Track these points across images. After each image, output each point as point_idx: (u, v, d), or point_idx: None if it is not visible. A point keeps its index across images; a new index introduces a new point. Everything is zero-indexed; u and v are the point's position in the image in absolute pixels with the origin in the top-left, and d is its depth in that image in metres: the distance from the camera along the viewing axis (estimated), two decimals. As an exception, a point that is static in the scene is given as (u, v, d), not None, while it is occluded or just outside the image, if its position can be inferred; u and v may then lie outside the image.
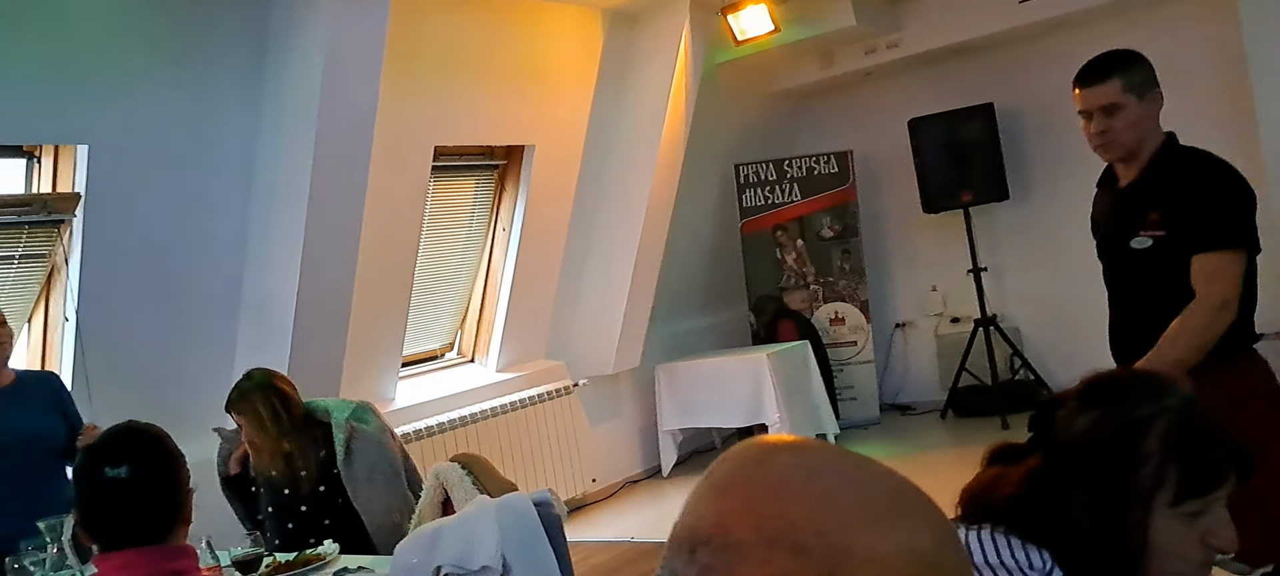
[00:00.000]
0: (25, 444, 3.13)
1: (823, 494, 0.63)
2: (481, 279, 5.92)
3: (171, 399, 3.83)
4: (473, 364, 6.01)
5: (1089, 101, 2.42)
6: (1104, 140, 2.44)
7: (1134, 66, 2.44)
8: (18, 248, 3.84)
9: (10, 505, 3.00)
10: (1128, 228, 2.45)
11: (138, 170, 4.03)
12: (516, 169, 5.79)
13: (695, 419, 6.53)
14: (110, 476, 1.63)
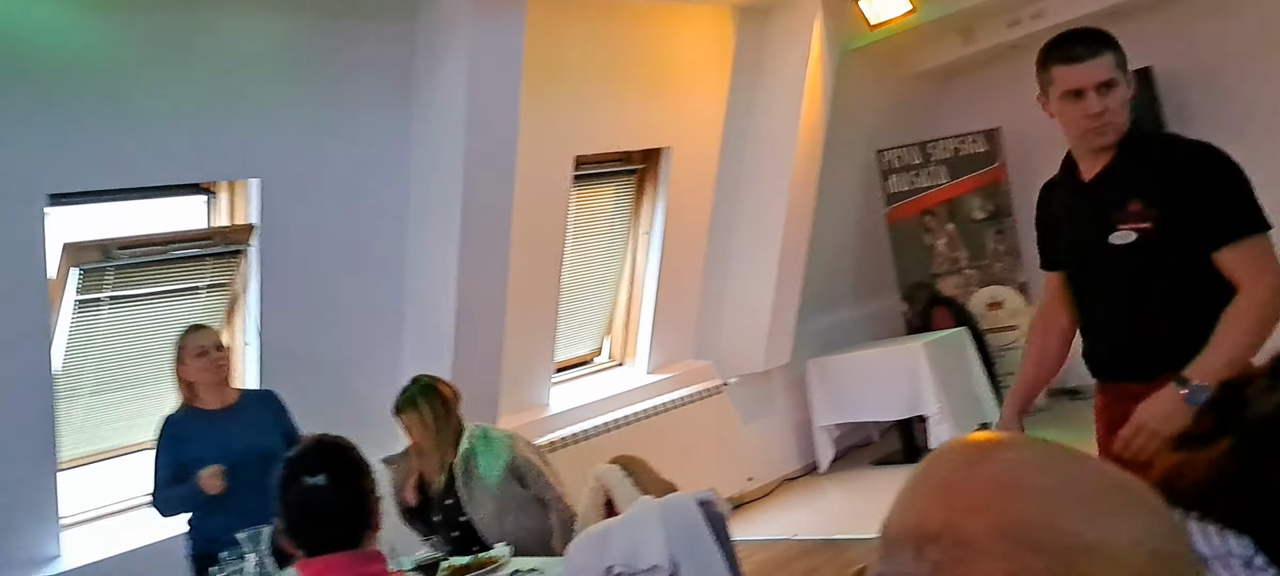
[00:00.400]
0: (248, 460, 3.34)
1: (1052, 488, 0.63)
2: (626, 283, 5.98)
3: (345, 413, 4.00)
4: (622, 367, 6.07)
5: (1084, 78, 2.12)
6: (1103, 121, 2.13)
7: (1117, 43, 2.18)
8: (203, 278, 4.11)
9: (232, 519, 3.19)
10: (1102, 223, 2.16)
11: (304, 198, 4.25)
12: (655, 171, 5.82)
13: (851, 413, 6.41)
14: (309, 485, 1.71)
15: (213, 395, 3.47)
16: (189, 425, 3.43)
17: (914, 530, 0.64)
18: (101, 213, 3.91)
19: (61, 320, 3.82)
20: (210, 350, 3.46)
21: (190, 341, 3.47)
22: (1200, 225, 2.06)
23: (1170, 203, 2.09)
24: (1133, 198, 2.12)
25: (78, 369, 3.91)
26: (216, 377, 3.47)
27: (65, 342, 3.84)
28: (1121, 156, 2.17)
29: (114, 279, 3.87)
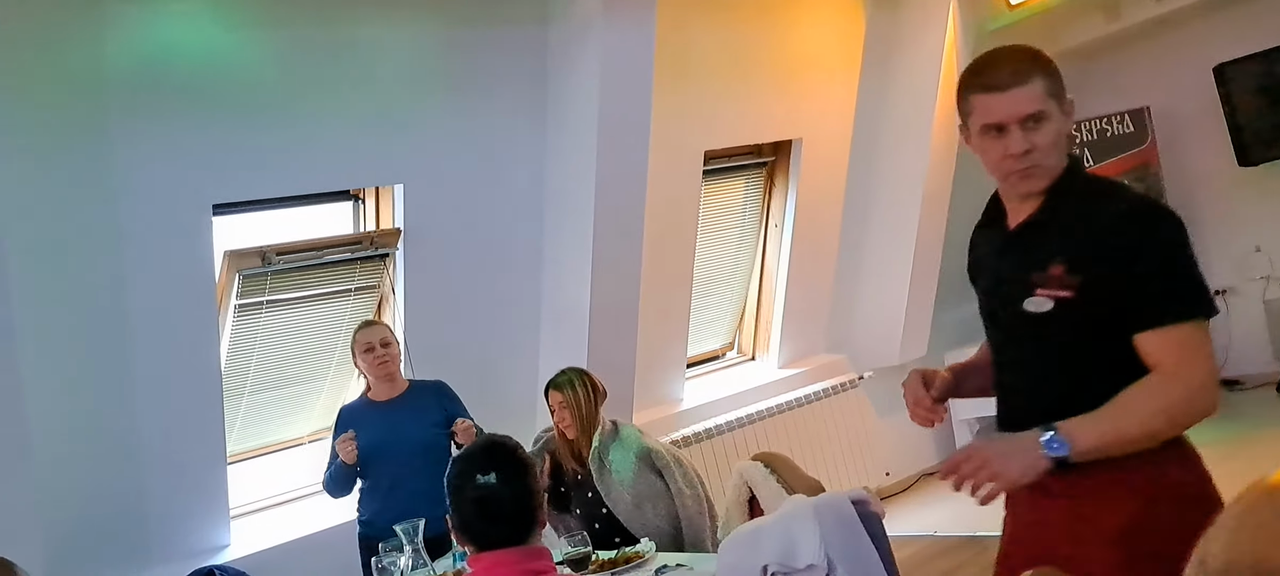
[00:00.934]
0: (408, 450, 3.52)
1: None
2: (757, 277, 5.95)
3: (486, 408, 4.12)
4: (754, 362, 6.05)
5: (1006, 110, 1.75)
6: (1028, 163, 1.76)
7: (1051, 66, 1.81)
8: (353, 281, 4.29)
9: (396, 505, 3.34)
10: (1020, 282, 1.79)
11: (445, 202, 4.39)
12: (785, 164, 5.77)
13: (991, 405, 6.21)
14: (481, 483, 1.78)
15: (382, 387, 3.70)
16: (358, 415, 3.66)
17: (1257, 565, 0.66)
18: (259, 221, 4.12)
19: (226, 323, 4.05)
20: (376, 347, 3.65)
21: (360, 337, 3.69)
22: (1127, 301, 1.70)
23: (1096, 271, 1.71)
24: (1056, 259, 1.75)
25: (241, 368, 4.13)
26: (382, 372, 3.66)
27: (228, 344, 4.06)
28: (1049, 206, 1.80)
29: (272, 283, 4.08)
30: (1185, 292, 1.70)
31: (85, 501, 3.65)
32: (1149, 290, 1.68)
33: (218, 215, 3.88)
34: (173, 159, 3.69)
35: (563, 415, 3.56)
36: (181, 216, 3.74)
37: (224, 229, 3.95)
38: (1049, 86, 1.77)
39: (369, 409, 3.68)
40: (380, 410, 3.65)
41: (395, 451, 3.56)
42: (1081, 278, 1.72)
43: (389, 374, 3.68)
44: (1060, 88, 1.79)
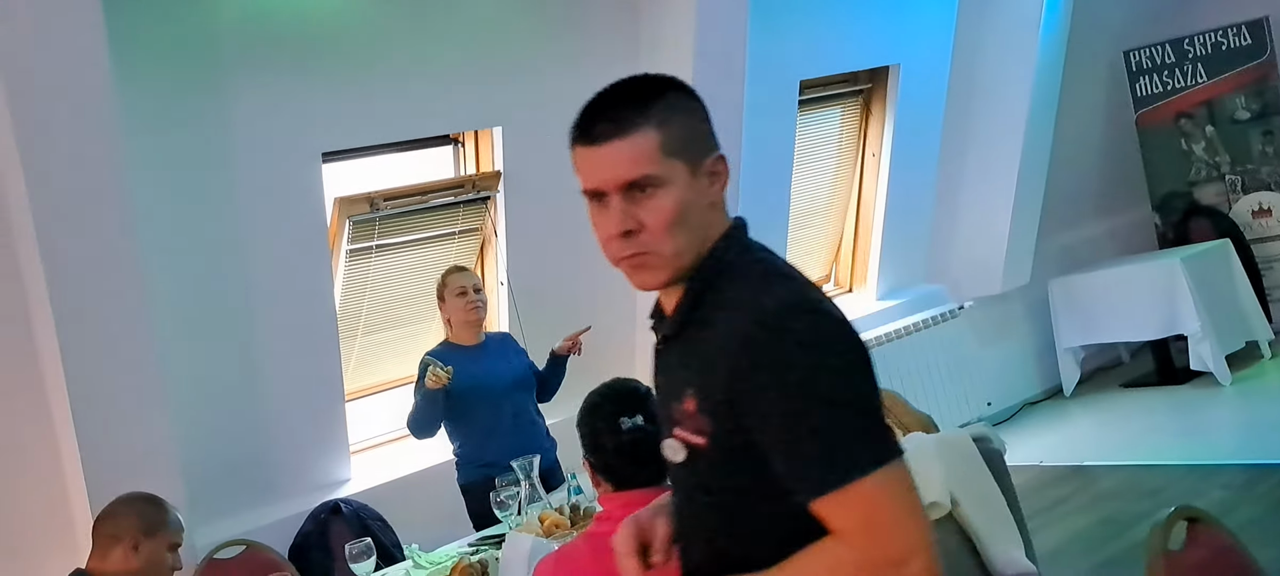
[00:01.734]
0: (513, 389, 3.60)
1: None
2: (853, 207, 5.88)
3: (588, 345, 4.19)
4: (851, 294, 6.00)
5: (601, 173, 1.29)
6: (634, 248, 1.28)
7: (681, 105, 1.32)
8: (456, 224, 4.38)
9: (501, 442, 3.45)
10: (664, 414, 1.36)
11: (543, 143, 4.41)
12: (882, 91, 5.66)
13: (1099, 334, 6.08)
14: (630, 426, 1.82)
15: (468, 333, 3.66)
16: (452, 359, 3.55)
17: None
18: (366, 167, 4.22)
19: (339, 267, 4.18)
20: (469, 291, 3.63)
21: (452, 281, 3.66)
22: (773, 458, 1.19)
23: (724, 417, 1.22)
24: (688, 388, 1.26)
25: (354, 310, 4.27)
26: (474, 317, 3.64)
27: (342, 287, 4.20)
28: (686, 306, 1.30)
29: (380, 228, 4.19)
30: (849, 442, 1.16)
31: (217, 441, 3.85)
32: (798, 445, 1.17)
33: (326, 163, 3.98)
34: (283, 111, 3.81)
35: None
36: (293, 166, 3.86)
37: (333, 176, 4.06)
38: (665, 139, 1.27)
39: (458, 352, 3.60)
40: (469, 354, 3.61)
41: (491, 392, 3.56)
42: (711, 423, 1.22)
43: (480, 319, 3.67)
44: (694, 138, 1.30)
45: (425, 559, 3.02)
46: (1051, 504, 4.57)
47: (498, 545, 2.95)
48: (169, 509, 2.59)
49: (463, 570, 2.66)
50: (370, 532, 3.72)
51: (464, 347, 3.64)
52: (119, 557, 2.46)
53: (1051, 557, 3.86)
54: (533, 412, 3.69)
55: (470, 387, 3.51)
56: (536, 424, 3.68)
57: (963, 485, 2.20)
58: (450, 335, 3.69)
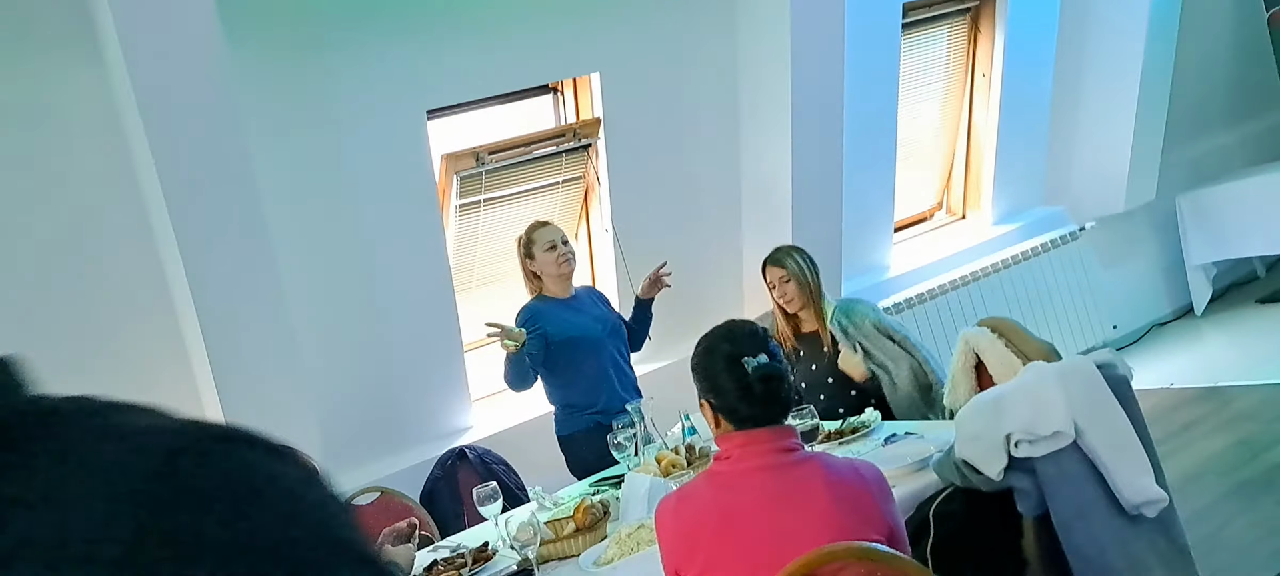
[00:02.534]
0: (609, 338, 3.64)
1: None
2: (964, 131, 5.70)
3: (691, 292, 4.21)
4: (965, 221, 5.85)
5: None
6: None
7: None
8: (559, 174, 4.42)
9: (601, 391, 3.52)
10: None
11: (641, 87, 4.43)
12: (991, 7, 5.45)
13: (1231, 248, 5.80)
14: (755, 366, 1.84)
15: (561, 286, 3.61)
16: (544, 309, 3.58)
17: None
18: (469, 122, 4.29)
19: (450, 222, 4.28)
20: (558, 244, 3.59)
21: (540, 236, 3.60)
22: None
23: None
24: None
25: (467, 264, 4.38)
26: (567, 270, 3.59)
27: (454, 241, 4.31)
28: None
29: (486, 181, 4.26)
30: None
31: (347, 394, 4.02)
32: None
33: (431, 120, 4.07)
34: (387, 71, 3.89)
35: (785, 290, 3.58)
36: (400, 125, 3.95)
37: (438, 133, 4.14)
38: None
39: (554, 305, 3.59)
40: (565, 306, 3.60)
41: (591, 342, 3.56)
42: None
43: (571, 271, 3.62)
44: None
45: (550, 500, 3.11)
46: (1184, 427, 4.42)
47: (617, 486, 3.02)
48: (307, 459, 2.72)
49: (586, 510, 2.73)
50: (495, 476, 3.84)
51: (559, 299, 3.61)
52: (263, 508, 2.60)
53: (1185, 482, 3.74)
54: (626, 361, 3.73)
55: (570, 339, 3.53)
56: (630, 372, 3.72)
57: (1086, 413, 2.15)
58: (540, 289, 3.64)
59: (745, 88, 4.64)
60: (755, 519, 1.79)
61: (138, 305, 3.56)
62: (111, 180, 3.44)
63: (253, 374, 3.51)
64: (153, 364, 3.62)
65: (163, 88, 3.14)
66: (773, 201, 4.68)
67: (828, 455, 2.01)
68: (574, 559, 2.63)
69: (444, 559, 2.88)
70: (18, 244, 3.37)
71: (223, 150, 3.27)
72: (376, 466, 4.03)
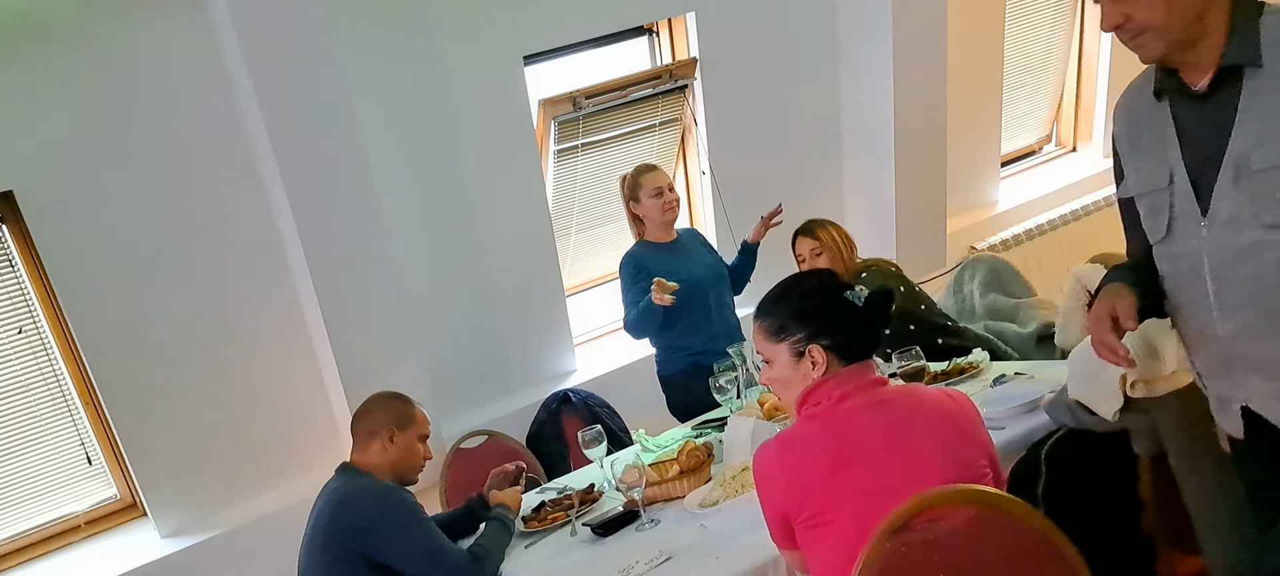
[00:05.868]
0: (712, 281, 3.65)
1: None
2: (1074, 60, 5.48)
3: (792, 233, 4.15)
4: (1075, 153, 5.65)
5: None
6: None
7: None
8: (656, 116, 4.41)
9: (705, 333, 3.54)
10: None
11: (737, 25, 4.37)
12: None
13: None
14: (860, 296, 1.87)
15: (664, 231, 3.63)
16: (648, 256, 3.61)
17: None
18: (565, 67, 4.30)
19: (548, 167, 4.32)
20: (665, 190, 3.59)
21: (646, 181, 3.60)
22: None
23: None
24: None
25: (566, 209, 4.42)
26: (670, 217, 3.61)
27: (553, 187, 4.35)
28: None
29: (584, 126, 4.28)
30: None
31: (453, 341, 4.13)
32: None
33: (528, 66, 4.09)
34: (484, 17, 3.92)
35: (816, 265, 3.52)
36: (497, 71, 3.98)
37: (535, 79, 4.17)
38: None
39: (658, 250, 3.61)
40: (669, 250, 3.63)
41: (695, 285, 3.55)
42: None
43: (675, 217, 3.64)
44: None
45: (653, 442, 3.15)
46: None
47: (720, 428, 3.04)
48: (416, 404, 2.81)
49: (690, 451, 2.76)
50: (599, 419, 3.91)
51: (663, 244, 3.63)
52: (377, 449, 2.71)
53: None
54: (729, 303, 3.73)
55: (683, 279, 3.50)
56: (732, 316, 3.71)
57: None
58: (645, 233, 3.66)
59: (844, 20, 4.53)
60: (869, 453, 1.80)
61: (249, 253, 3.70)
62: (220, 130, 3.55)
63: (361, 320, 3.62)
64: (265, 310, 3.76)
65: (267, 34, 3.21)
66: (875, 138, 4.59)
67: (923, 387, 2.01)
68: (679, 500, 2.67)
69: (551, 500, 2.95)
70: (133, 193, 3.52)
71: (327, 96, 3.34)
72: (483, 411, 4.14)
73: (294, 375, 3.84)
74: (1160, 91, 1.69)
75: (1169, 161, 1.69)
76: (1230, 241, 1.62)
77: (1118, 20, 1.61)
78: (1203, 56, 1.61)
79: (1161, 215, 1.72)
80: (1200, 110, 1.64)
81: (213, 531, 3.70)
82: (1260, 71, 1.57)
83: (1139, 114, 1.75)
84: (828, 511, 1.80)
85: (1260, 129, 1.56)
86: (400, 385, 2.97)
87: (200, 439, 3.73)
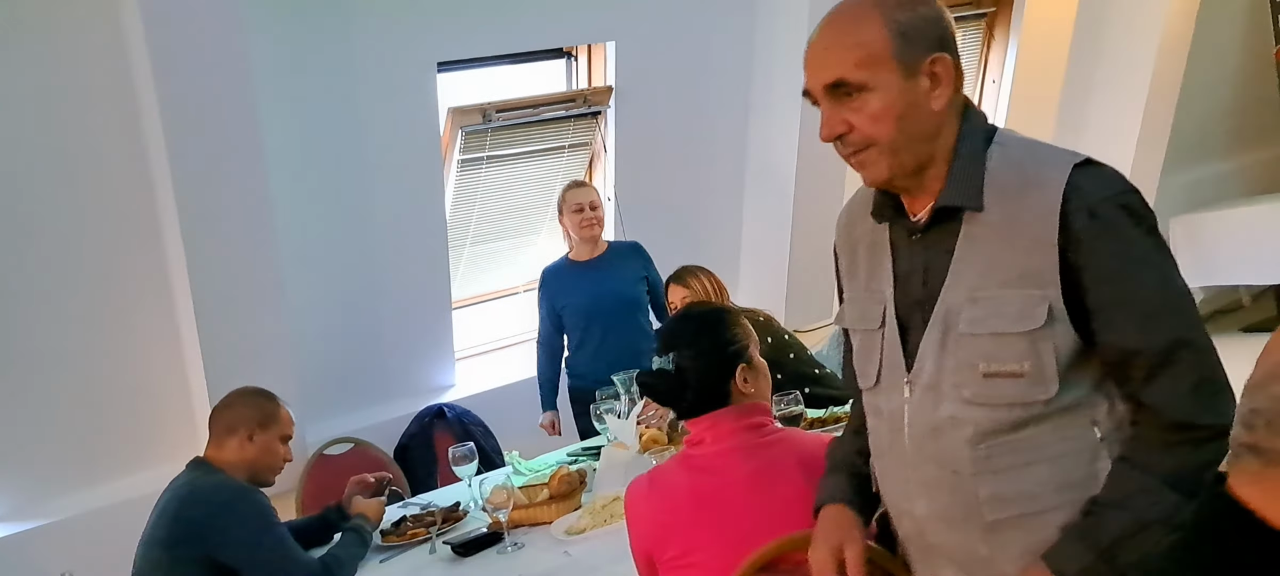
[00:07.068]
0: (621, 307, 3.68)
1: None
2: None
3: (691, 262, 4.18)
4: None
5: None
6: None
7: None
8: (567, 138, 4.40)
9: (607, 357, 3.53)
10: None
11: (655, 59, 4.40)
12: (1007, 14, 5.43)
13: (1220, 275, 5.81)
14: (656, 365, 1.86)
15: (585, 248, 3.74)
16: (562, 276, 3.76)
17: None
18: (480, 78, 4.24)
19: (450, 176, 4.25)
20: (585, 208, 3.69)
21: (570, 196, 3.74)
22: None
23: None
24: None
25: (463, 220, 4.35)
26: (589, 234, 3.71)
27: (452, 196, 4.27)
28: None
29: (491, 139, 4.23)
30: None
31: (329, 341, 3.99)
32: None
33: (442, 73, 4.02)
34: (400, 20, 3.84)
35: None
36: (409, 75, 3.90)
37: (447, 87, 4.10)
38: None
39: (572, 269, 3.75)
40: (584, 269, 3.74)
41: (602, 309, 3.68)
42: None
43: (594, 236, 3.73)
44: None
45: (526, 465, 3.10)
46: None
47: (596, 456, 3.01)
48: (282, 403, 2.70)
49: (562, 478, 2.72)
50: (472, 437, 3.83)
51: (578, 262, 3.76)
52: (234, 447, 2.58)
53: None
54: (643, 329, 3.74)
55: (581, 304, 3.68)
56: (645, 341, 3.72)
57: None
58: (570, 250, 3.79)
59: (759, 73, 4.62)
60: (731, 499, 1.78)
61: (125, 233, 3.52)
62: (112, 106, 3.38)
63: (233, 309, 3.49)
64: (130, 286, 3.57)
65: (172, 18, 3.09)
66: (776, 187, 4.68)
67: (800, 431, 2.01)
68: (546, 526, 2.62)
69: (414, 515, 2.87)
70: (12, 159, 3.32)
71: (227, 84, 3.24)
72: (352, 417, 4.01)
73: (153, 359, 3.65)
74: (878, 214, 1.45)
75: (883, 298, 1.44)
76: (928, 410, 1.37)
77: (839, 128, 1.34)
78: (926, 186, 1.37)
79: (873, 359, 1.46)
80: (916, 247, 1.40)
81: (44, 519, 3.47)
82: (981, 216, 1.33)
83: (857, 234, 1.52)
84: (692, 553, 1.78)
85: (974, 282, 1.33)
86: (267, 381, 2.85)
87: (40, 417, 3.50)
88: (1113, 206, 1.27)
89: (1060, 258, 1.26)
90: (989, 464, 1.32)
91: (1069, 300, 1.27)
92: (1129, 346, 1.27)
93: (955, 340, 1.33)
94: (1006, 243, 1.30)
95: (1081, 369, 1.30)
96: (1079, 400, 1.30)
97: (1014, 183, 1.31)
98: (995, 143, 1.37)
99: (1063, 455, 1.31)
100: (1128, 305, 1.26)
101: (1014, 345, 1.28)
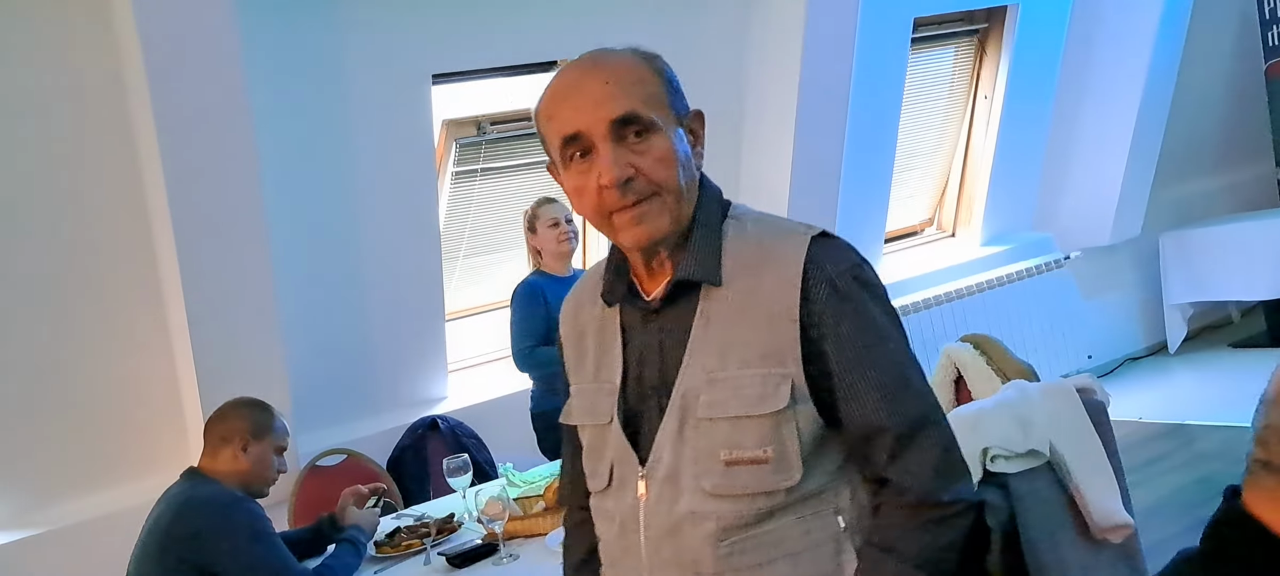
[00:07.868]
0: None
1: None
2: (961, 150, 5.73)
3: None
4: (954, 238, 5.88)
5: None
6: None
7: None
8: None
9: None
10: None
11: (647, 73, 4.39)
12: (999, 32, 5.47)
13: (1209, 291, 5.85)
14: None
15: (559, 264, 3.65)
16: (552, 286, 3.60)
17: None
18: (474, 90, 4.25)
19: (444, 188, 4.25)
20: (561, 222, 3.61)
21: (543, 212, 3.63)
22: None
23: None
24: None
25: (457, 232, 4.35)
26: (567, 249, 3.62)
27: (446, 209, 4.28)
28: None
29: (486, 152, 4.24)
30: None
31: (323, 353, 3.99)
32: None
33: (436, 85, 4.03)
34: (395, 31, 3.85)
35: None
36: (404, 86, 3.91)
37: (442, 99, 4.11)
38: None
39: (549, 281, 3.61)
40: (566, 283, 3.56)
41: None
42: None
43: (571, 250, 3.65)
44: None
45: (520, 477, 3.09)
46: (1149, 460, 4.46)
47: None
48: (276, 414, 2.70)
49: (556, 491, 2.72)
50: (465, 449, 3.82)
51: (555, 277, 3.64)
52: (228, 457, 2.57)
53: (1147, 513, 3.77)
54: None
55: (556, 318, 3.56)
56: None
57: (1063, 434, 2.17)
58: (540, 265, 3.67)
59: (752, 88, 4.64)
60: None
61: (118, 244, 3.51)
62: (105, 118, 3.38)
63: (227, 318, 3.48)
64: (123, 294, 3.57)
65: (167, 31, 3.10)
66: (768, 203, 4.68)
67: None
68: (541, 537, 2.62)
69: (407, 527, 2.86)
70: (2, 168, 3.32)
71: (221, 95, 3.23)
72: (345, 428, 4.00)
73: (146, 369, 3.64)
74: (610, 295, 1.34)
75: (614, 388, 1.31)
76: (667, 506, 1.25)
77: (625, 172, 1.21)
78: (666, 259, 1.28)
79: (604, 457, 1.33)
80: (650, 328, 1.30)
81: (35, 529, 3.45)
82: (718, 292, 1.24)
83: (584, 320, 1.40)
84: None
85: (712, 364, 1.22)
86: (260, 392, 2.85)
87: (31, 427, 3.49)
88: (849, 280, 1.21)
89: (801, 333, 1.19)
90: (730, 561, 1.22)
91: (810, 376, 1.20)
92: (875, 422, 1.20)
93: (694, 427, 1.22)
94: (746, 319, 1.22)
95: (824, 453, 1.23)
96: (822, 487, 1.23)
97: (752, 257, 1.24)
98: (731, 215, 1.31)
99: (808, 549, 1.23)
100: (872, 381, 1.21)
101: (755, 429, 1.19)
